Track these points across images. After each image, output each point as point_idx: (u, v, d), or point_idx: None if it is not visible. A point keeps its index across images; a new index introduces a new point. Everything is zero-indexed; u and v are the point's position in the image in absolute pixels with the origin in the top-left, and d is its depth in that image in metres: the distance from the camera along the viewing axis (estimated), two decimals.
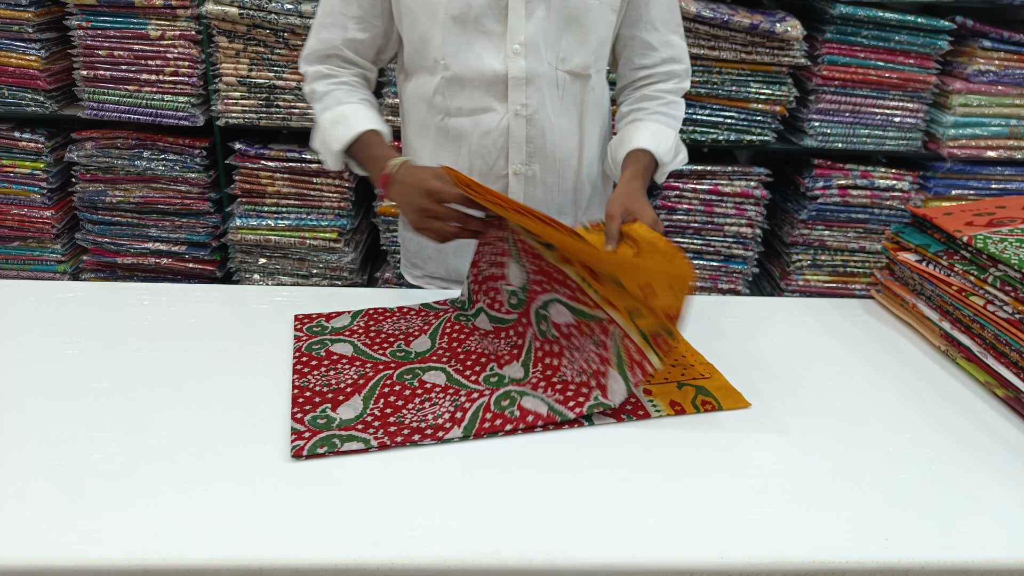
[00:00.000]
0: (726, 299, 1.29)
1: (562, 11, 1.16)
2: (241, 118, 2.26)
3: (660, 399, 0.96)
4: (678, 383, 0.99)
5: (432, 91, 1.20)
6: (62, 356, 1.01)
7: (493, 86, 1.18)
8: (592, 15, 1.18)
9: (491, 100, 1.19)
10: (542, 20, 1.15)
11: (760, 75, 2.26)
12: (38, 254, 2.45)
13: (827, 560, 0.71)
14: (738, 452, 0.86)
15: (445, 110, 1.21)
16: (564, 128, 1.24)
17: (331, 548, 0.70)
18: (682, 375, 1.01)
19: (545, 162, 1.25)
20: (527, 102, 1.19)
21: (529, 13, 1.15)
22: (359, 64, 1.25)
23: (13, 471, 0.78)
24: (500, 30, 1.15)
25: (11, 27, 2.19)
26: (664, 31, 1.27)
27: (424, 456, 0.83)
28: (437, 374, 0.99)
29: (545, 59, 1.18)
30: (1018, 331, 0.96)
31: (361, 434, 0.86)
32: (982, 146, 2.34)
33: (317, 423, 0.88)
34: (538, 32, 1.16)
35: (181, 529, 0.71)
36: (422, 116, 1.24)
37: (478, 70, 1.17)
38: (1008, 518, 0.77)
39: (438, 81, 1.19)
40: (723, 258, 2.49)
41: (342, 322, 1.12)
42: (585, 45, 1.20)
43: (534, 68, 1.17)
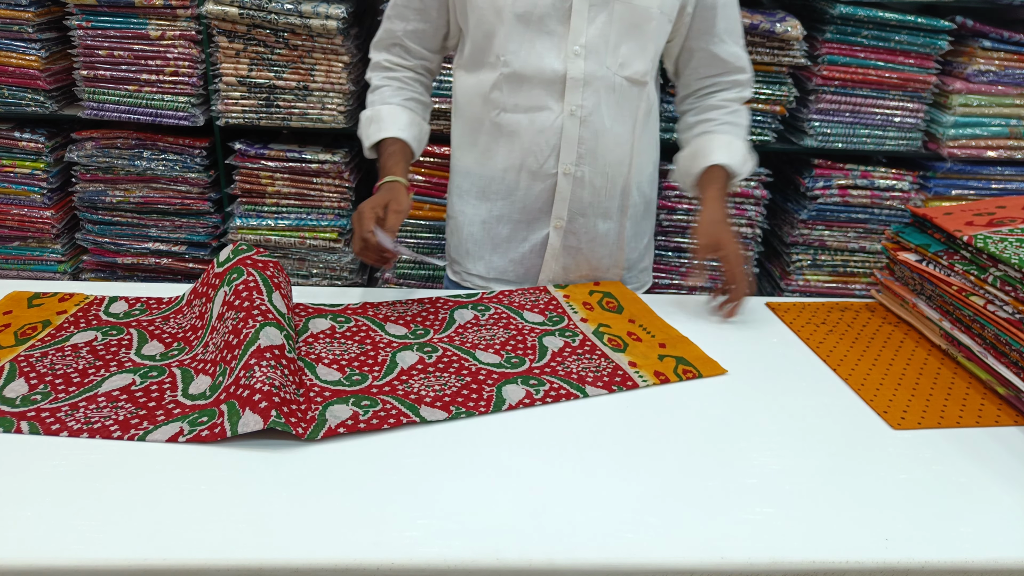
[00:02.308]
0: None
1: (625, 18, 1.19)
2: (241, 118, 2.26)
3: (645, 370, 1.01)
4: (659, 355, 1.05)
5: (490, 86, 1.23)
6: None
7: (551, 85, 1.20)
8: (653, 24, 1.21)
9: (548, 99, 1.21)
10: (604, 25, 1.18)
11: (760, 75, 2.26)
12: (38, 254, 2.45)
13: (827, 560, 0.71)
14: (738, 452, 0.86)
15: (501, 106, 1.23)
16: (617, 133, 1.26)
17: (331, 548, 0.70)
18: (661, 347, 1.07)
19: (595, 165, 1.26)
20: (583, 103, 1.21)
21: (592, 17, 1.18)
22: (421, 55, 1.31)
23: (13, 471, 0.78)
24: (563, 31, 1.18)
25: (11, 27, 2.19)
26: (731, 43, 1.31)
27: (424, 456, 0.83)
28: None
29: (604, 63, 1.20)
30: (1018, 331, 0.96)
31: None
32: (982, 146, 2.34)
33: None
34: (599, 36, 1.19)
35: (181, 529, 0.71)
36: (477, 111, 1.27)
37: (538, 68, 1.19)
38: (1008, 518, 0.77)
39: (497, 77, 1.21)
40: None
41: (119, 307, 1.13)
42: (645, 52, 1.23)
43: (593, 71, 1.20)
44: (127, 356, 0.99)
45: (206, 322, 1.02)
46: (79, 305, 1.12)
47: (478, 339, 1.08)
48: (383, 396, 0.92)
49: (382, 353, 1.03)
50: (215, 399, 0.88)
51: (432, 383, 0.96)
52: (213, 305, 1.02)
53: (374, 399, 0.91)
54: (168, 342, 1.03)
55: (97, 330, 1.05)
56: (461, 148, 1.34)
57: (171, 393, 0.91)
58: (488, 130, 1.27)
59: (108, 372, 0.95)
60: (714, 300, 1.23)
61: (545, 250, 1.32)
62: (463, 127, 1.32)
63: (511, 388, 0.96)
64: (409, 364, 1.00)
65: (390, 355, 1.02)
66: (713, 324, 1.17)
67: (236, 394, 0.86)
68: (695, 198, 1.28)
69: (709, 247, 1.19)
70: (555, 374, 1.00)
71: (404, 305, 1.18)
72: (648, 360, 1.04)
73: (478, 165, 1.31)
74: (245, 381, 0.86)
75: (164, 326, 1.08)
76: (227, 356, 0.92)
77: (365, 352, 1.03)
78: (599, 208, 1.30)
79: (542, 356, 1.04)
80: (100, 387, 0.92)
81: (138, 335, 1.05)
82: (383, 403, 0.90)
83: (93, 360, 0.97)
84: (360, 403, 0.90)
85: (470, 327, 1.11)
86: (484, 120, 1.27)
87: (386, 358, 1.01)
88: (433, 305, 1.18)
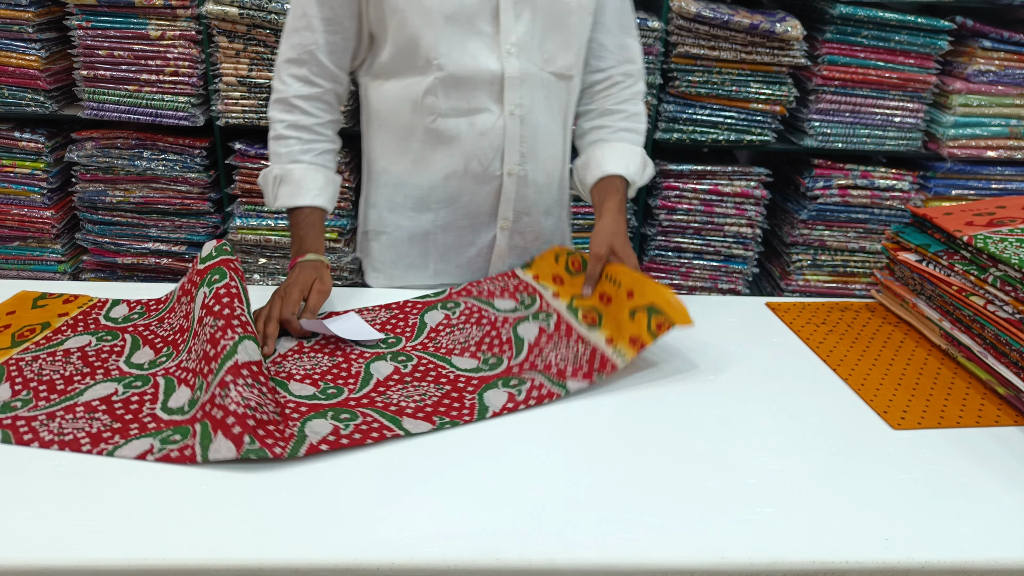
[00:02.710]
0: (726, 299, 1.29)
1: (548, 13, 1.18)
2: (241, 118, 2.26)
3: (621, 342, 0.99)
4: (630, 311, 1.02)
5: (423, 92, 1.18)
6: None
7: (490, 86, 1.18)
8: (574, 18, 1.21)
9: (487, 100, 1.19)
10: (529, 21, 1.17)
11: (760, 75, 2.26)
12: (38, 254, 2.45)
13: (827, 560, 0.71)
14: (738, 452, 0.86)
15: (438, 111, 1.19)
16: (552, 129, 1.26)
17: (331, 548, 0.70)
18: (629, 296, 1.04)
19: (536, 162, 1.26)
20: (521, 102, 1.20)
21: (518, 14, 1.16)
22: (333, 75, 1.21)
23: (13, 471, 0.78)
24: (492, 30, 1.16)
25: (11, 27, 2.19)
26: (619, 34, 1.30)
27: (424, 456, 0.83)
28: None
29: (533, 60, 1.19)
30: (1018, 331, 0.96)
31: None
32: (982, 146, 2.34)
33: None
34: (527, 33, 1.17)
35: (181, 529, 0.71)
36: (405, 119, 1.22)
37: (474, 69, 1.16)
38: (1008, 518, 0.77)
39: (431, 81, 1.16)
40: (723, 258, 2.49)
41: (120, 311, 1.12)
42: (569, 47, 1.22)
43: (526, 68, 1.19)
44: (115, 364, 0.98)
45: (190, 323, 1.01)
46: (81, 308, 1.12)
47: (452, 343, 1.06)
48: (362, 409, 0.90)
49: (355, 365, 0.99)
50: (192, 416, 0.86)
51: (412, 393, 0.94)
52: (195, 305, 1.01)
53: (353, 412, 0.89)
54: (159, 347, 1.02)
55: (93, 335, 1.04)
56: (386, 159, 1.28)
57: (151, 405, 0.89)
58: (422, 138, 1.22)
59: (93, 380, 0.94)
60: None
61: (492, 252, 1.31)
62: (387, 137, 1.26)
63: (493, 393, 0.94)
64: (385, 375, 0.97)
65: (363, 366, 0.99)
66: (713, 324, 1.16)
67: (210, 414, 0.83)
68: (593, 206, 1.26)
69: (602, 257, 1.13)
70: (535, 369, 0.99)
71: (371, 312, 1.14)
72: (621, 327, 1.01)
73: (412, 175, 1.26)
74: (220, 400, 0.83)
75: (158, 329, 1.06)
76: (204, 368, 0.90)
77: (337, 365, 0.99)
78: (542, 205, 1.30)
79: (519, 351, 1.03)
80: (81, 396, 0.90)
81: (132, 341, 1.03)
82: (363, 416, 0.88)
83: (81, 366, 0.96)
84: (339, 416, 0.88)
85: (443, 330, 1.09)
86: (416, 128, 1.21)
87: (360, 370, 0.98)
88: (402, 310, 1.15)
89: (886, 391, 1.00)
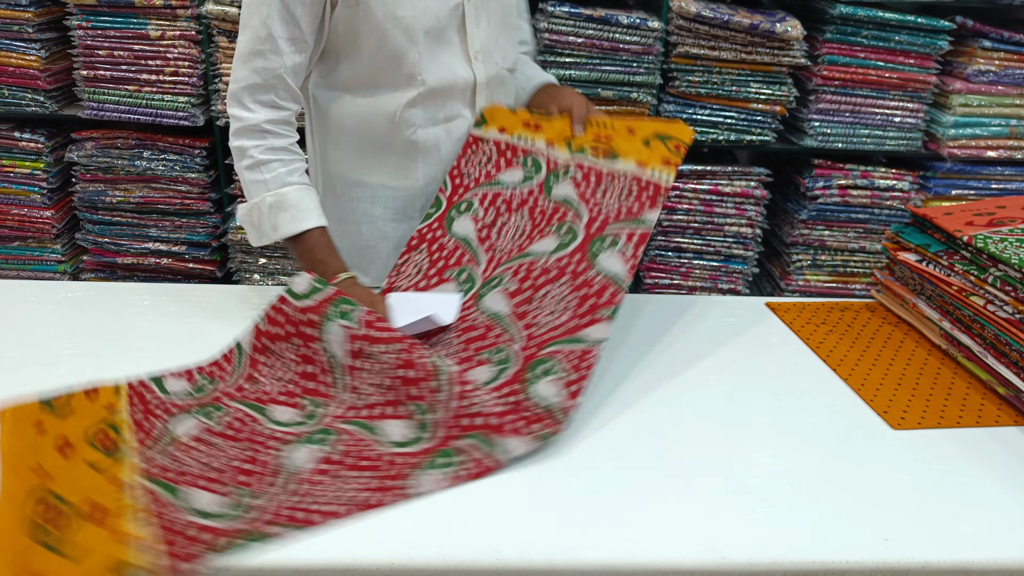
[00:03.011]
0: (726, 299, 1.29)
1: (498, 15, 1.23)
2: None
3: (653, 164, 1.03)
4: (643, 140, 1.07)
5: (402, 106, 1.17)
6: (62, 356, 1.01)
7: (463, 94, 1.22)
8: (513, 14, 1.29)
9: (461, 107, 1.23)
10: (487, 25, 1.22)
11: (760, 75, 2.26)
12: (38, 254, 2.44)
13: (827, 560, 0.71)
14: (738, 452, 0.86)
15: (418, 123, 1.19)
16: None
17: (331, 548, 0.70)
18: (630, 132, 1.10)
19: None
20: (489, 103, 1.25)
21: (478, 20, 1.20)
22: (296, 97, 1.15)
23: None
24: (459, 39, 1.19)
25: (11, 27, 2.19)
26: (526, 17, 1.42)
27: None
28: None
29: (495, 61, 1.25)
30: (1018, 331, 0.96)
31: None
32: (982, 146, 2.34)
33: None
34: (488, 38, 1.22)
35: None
36: (380, 132, 1.20)
37: (450, 80, 1.19)
38: (1008, 518, 0.77)
39: (414, 95, 1.17)
40: (723, 258, 2.49)
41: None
42: (512, 43, 1.30)
43: (490, 71, 1.24)
44: (270, 428, 0.85)
45: (327, 365, 0.92)
46: (121, 397, 0.90)
47: (372, 387, 0.91)
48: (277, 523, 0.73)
49: (268, 456, 0.82)
50: (440, 439, 0.82)
51: (343, 489, 0.78)
52: (326, 343, 0.91)
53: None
54: (292, 402, 0.90)
55: (192, 415, 0.88)
56: (358, 172, 1.24)
57: (377, 448, 0.81)
58: (401, 149, 1.21)
59: (279, 450, 0.82)
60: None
61: None
62: (355, 151, 1.23)
63: (426, 478, 0.80)
64: (308, 468, 0.80)
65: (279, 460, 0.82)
66: (713, 324, 1.16)
67: (474, 424, 0.82)
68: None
69: (584, 99, 1.21)
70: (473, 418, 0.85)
71: (283, 363, 0.95)
72: (642, 153, 1.05)
73: (390, 186, 1.24)
74: (477, 409, 0.82)
75: (254, 386, 0.93)
76: (414, 392, 0.85)
77: (247, 457, 0.82)
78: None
79: (579, 211, 1.04)
80: (291, 467, 0.79)
81: (247, 407, 0.89)
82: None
83: (241, 446, 0.83)
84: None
85: (494, 231, 1.04)
86: (393, 140, 1.20)
87: (277, 467, 0.81)
88: (309, 346, 0.94)
89: (886, 391, 1.00)
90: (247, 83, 1.11)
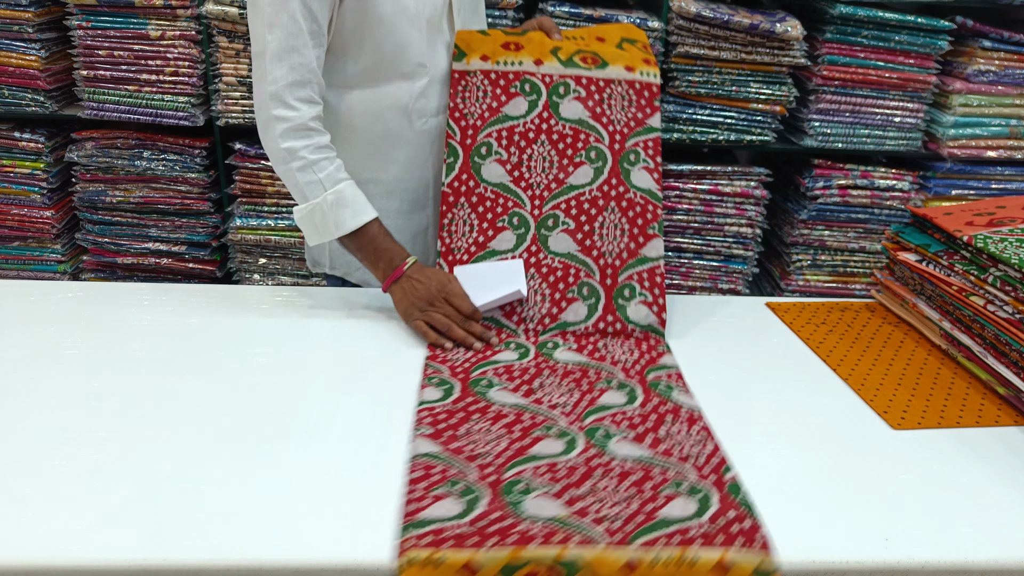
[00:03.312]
0: (726, 299, 1.29)
1: (470, 3, 1.30)
2: (241, 118, 2.26)
3: (638, 65, 1.16)
4: (616, 45, 1.19)
5: (415, 95, 1.20)
6: (62, 356, 1.01)
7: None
8: (482, 3, 1.36)
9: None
10: (466, 12, 1.28)
11: (760, 75, 2.26)
12: (38, 254, 2.44)
13: (827, 560, 0.71)
14: (738, 452, 0.86)
15: (428, 112, 1.22)
16: None
17: (331, 548, 0.70)
18: (602, 43, 1.19)
19: None
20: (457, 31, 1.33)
21: (459, 9, 1.25)
22: (323, 91, 1.16)
23: (13, 471, 0.78)
24: (449, 27, 1.24)
25: (11, 27, 2.19)
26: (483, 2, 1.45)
27: None
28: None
29: None
30: (1018, 331, 0.96)
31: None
32: (982, 146, 2.34)
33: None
34: (467, 24, 1.28)
35: (181, 529, 0.71)
36: (392, 125, 1.21)
37: (447, 68, 1.23)
38: (1008, 518, 0.77)
39: (423, 84, 1.20)
40: (723, 258, 2.49)
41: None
42: (484, 24, 1.38)
43: None
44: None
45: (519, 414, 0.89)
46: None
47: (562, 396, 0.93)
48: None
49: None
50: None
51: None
52: (500, 405, 0.90)
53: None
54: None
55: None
56: (370, 170, 1.24)
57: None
58: (412, 140, 1.22)
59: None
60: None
61: None
62: (367, 147, 1.23)
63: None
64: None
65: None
66: (712, 324, 1.16)
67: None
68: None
69: (547, 16, 1.30)
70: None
71: (484, 437, 0.86)
72: (623, 56, 1.17)
73: (404, 179, 1.25)
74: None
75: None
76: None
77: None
78: None
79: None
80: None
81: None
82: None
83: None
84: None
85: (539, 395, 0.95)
86: (403, 133, 1.21)
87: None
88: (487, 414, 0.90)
89: (886, 391, 1.00)
90: (288, 81, 1.09)
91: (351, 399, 0.94)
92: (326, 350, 1.07)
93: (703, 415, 0.90)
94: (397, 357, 1.04)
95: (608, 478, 0.77)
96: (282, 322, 1.12)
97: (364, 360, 1.04)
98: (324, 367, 1.03)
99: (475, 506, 0.72)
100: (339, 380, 0.99)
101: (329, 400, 0.94)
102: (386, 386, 0.97)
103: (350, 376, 1.00)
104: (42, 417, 0.87)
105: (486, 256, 1.13)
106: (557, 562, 0.66)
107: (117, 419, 0.87)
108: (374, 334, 1.11)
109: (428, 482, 0.75)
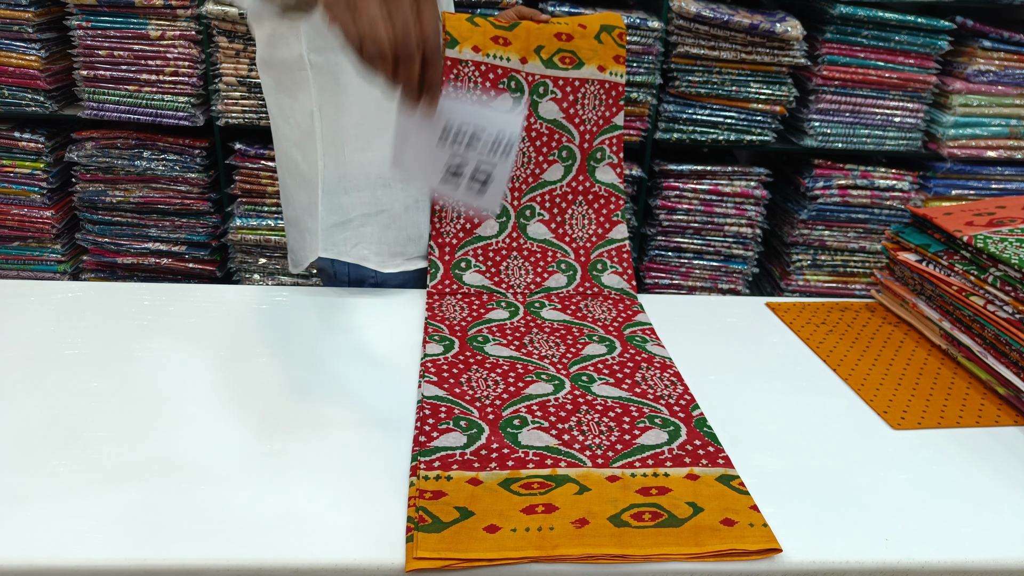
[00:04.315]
0: (726, 299, 1.29)
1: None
2: (241, 118, 2.26)
3: (609, 65, 1.22)
4: (594, 36, 1.22)
5: None
6: (62, 356, 1.01)
7: None
8: None
9: None
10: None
11: (760, 75, 2.26)
12: (38, 254, 2.45)
13: (827, 560, 0.71)
14: (738, 452, 0.86)
15: None
16: None
17: (331, 548, 0.70)
18: (582, 27, 1.23)
19: None
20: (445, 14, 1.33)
21: None
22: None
23: (12, 471, 0.78)
24: None
25: (11, 27, 2.19)
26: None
27: None
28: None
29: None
30: (1018, 331, 0.96)
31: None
32: (982, 146, 2.34)
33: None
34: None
35: (181, 529, 0.71)
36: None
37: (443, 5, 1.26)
38: (1008, 518, 0.77)
39: None
40: (723, 258, 2.49)
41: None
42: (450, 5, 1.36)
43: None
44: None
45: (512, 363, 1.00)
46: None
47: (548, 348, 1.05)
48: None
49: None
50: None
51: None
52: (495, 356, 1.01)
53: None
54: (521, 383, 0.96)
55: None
56: (373, 130, 1.20)
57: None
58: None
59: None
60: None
61: None
62: (375, 105, 1.19)
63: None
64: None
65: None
66: (712, 324, 1.16)
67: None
68: None
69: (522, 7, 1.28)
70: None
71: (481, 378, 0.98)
72: (598, 52, 1.22)
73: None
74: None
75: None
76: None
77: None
78: None
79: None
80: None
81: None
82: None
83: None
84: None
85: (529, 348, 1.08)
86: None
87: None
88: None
89: (886, 391, 1.00)
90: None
91: (352, 399, 0.94)
92: (326, 350, 1.07)
93: (674, 363, 1.01)
94: (398, 357, 1.04)
95: (592, 414, 0.89)
96: (282, 322, 1.12)
97: (365, 360, 1.04)
98: (324, 367, 1.03)
99: (477, 439, 0.83)
100: (339, 380, 0.99)
101: (330, 400, 0.94)
102: (387, 386, 0.97)
103: (351, 376, 1.00)
104: (42, 417, 0.87)
105: (473, 242, 1.23)
106: (549, 477, 0.78)
107: (117, 419, 0.87)
108: (375, 334, 1.11)
109: (436, 419, 0.86)
